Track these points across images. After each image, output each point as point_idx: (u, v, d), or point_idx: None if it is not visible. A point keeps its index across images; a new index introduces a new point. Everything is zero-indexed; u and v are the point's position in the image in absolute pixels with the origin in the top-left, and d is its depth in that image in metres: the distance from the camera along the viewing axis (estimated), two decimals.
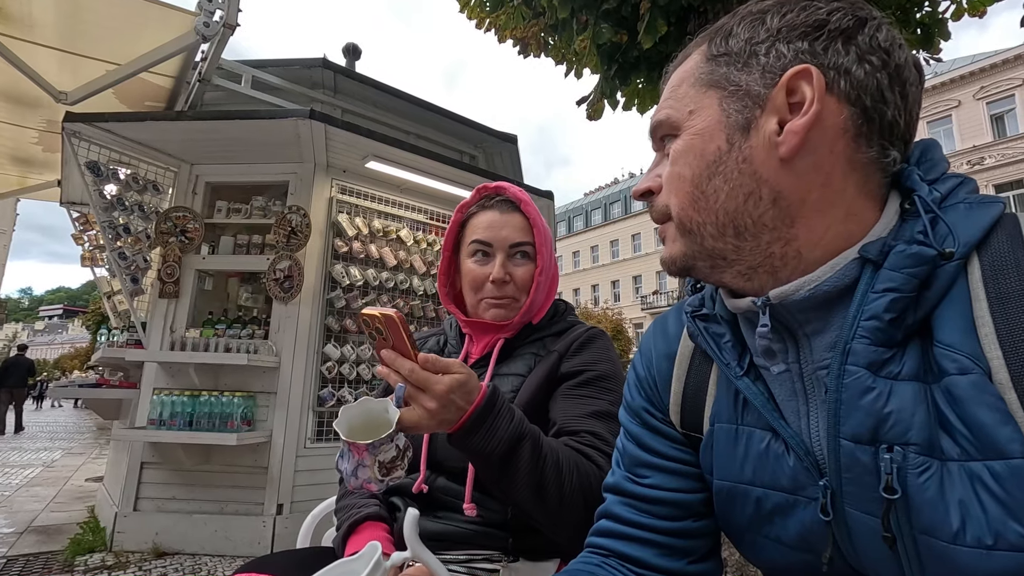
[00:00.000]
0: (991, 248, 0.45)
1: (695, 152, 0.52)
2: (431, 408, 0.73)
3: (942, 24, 3.04)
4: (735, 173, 0.50)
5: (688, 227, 0.53)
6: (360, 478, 0.70)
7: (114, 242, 3.40)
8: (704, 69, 0.53)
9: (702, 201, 0.51)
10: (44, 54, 3.29)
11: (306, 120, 3.21)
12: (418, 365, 0.73)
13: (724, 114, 0.51)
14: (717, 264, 0.53)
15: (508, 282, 1.02)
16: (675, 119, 0.54)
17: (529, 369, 1.00)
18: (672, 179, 0.54)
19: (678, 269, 0.56)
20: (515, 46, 3.37)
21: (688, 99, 0.54)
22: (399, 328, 0.72)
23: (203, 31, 3.08)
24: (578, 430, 0.89)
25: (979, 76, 20.29)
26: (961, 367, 0.42)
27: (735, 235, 0.51)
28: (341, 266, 3.65)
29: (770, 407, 0.53)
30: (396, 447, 0.72)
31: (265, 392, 3.36)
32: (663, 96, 0.58)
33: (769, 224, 0.49)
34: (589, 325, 1.07)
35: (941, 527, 0.41)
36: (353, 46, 5.14)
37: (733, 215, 0.50)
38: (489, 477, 0.80)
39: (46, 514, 4.16)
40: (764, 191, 0.49)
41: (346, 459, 0.72)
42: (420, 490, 0.96)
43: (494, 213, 1.05)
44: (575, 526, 0.80)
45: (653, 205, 0.58)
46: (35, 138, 4.48)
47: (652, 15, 2.57)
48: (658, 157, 0.59)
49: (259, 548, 3.13)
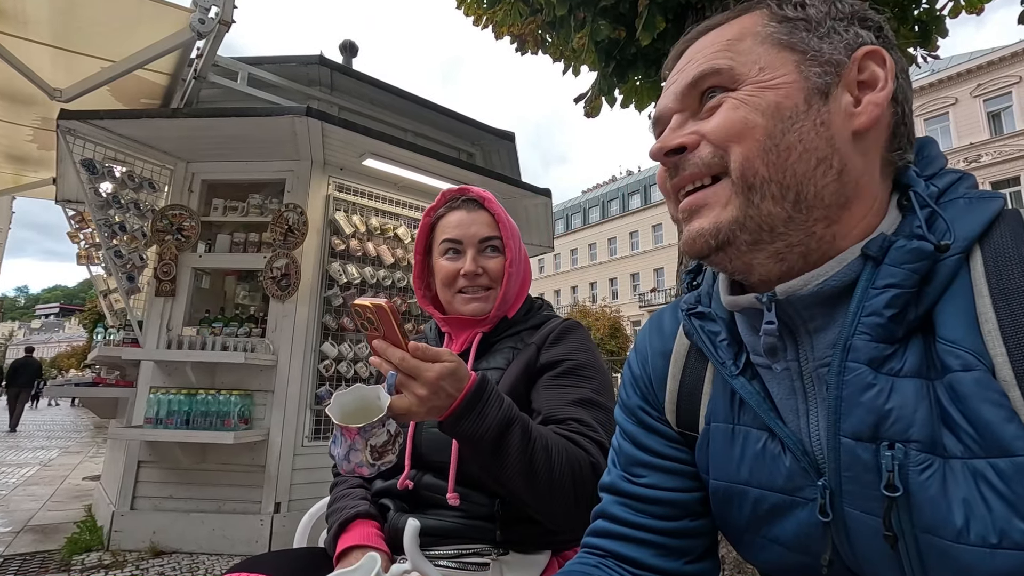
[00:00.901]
0: (993, 243, 0.44)
1: (769, 102, 0.48)
2: (421, 395, 0.74)
3: (940, 21, 3.03)
4: (812, 134, 0.47)
5: (751, 182, 0.48)
6: (352, 462, 0.72)
7: (110, 240, 3.38)
8: (777, 29, 0.51)
9: (773, 154, 0.47)
10: (38, 51, 3.26)
11: (303, 117, 3.20)
12: (409, 353, 0.74)
13: (803, 76, 0.49)
14: (760, 239, 0.49)
15: (481, 274, 1.06)
16: (739, 72, 0.50)
17: (508, 362, 1.02)
18: (735, 125, 0.49)
19: (717, 244, 0.50)
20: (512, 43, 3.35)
21: (756, 55, 0.50)
22: (390, 318, 0.73)
23: (198, 28, 3.06)
24: (564, 418, 0.91)
25: (976, 73, 20.32)
26: (964, 363, 0.41)
27: (794, 202, 0.48)
28: (338, 264, 3.64)
29: (766, 407, 0.53)
30: (387, 432, 0.73)
31: (262, 390, 3.35)
32: (703, 49, 0.53)
33: (827, 199, 0.48)
34: (564, 317, 1.11)
35: (944, 525, 0.41)
36: (350, 43, 5.11)
37: (800, 178, 0.47)
38: (480, 463, 0.82)
39: (43, 513, 4.14)
40: (835, 160, 0.48)
41: (339, 444, 0.73)
42: (405, 487, 0.97)
43: (461, 212, 1.09)
44: (565, 510, 0.82)
45: (685, 161, 0.52)
46: (30, 135, 4.46)
47: (650, 12, 2.56)
48: (682, 117, 0.54)
49: (257, 547, 3.12)
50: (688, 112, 0.54)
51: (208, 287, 3.90)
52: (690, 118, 0.53)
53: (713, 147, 0.50)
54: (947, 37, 3.07)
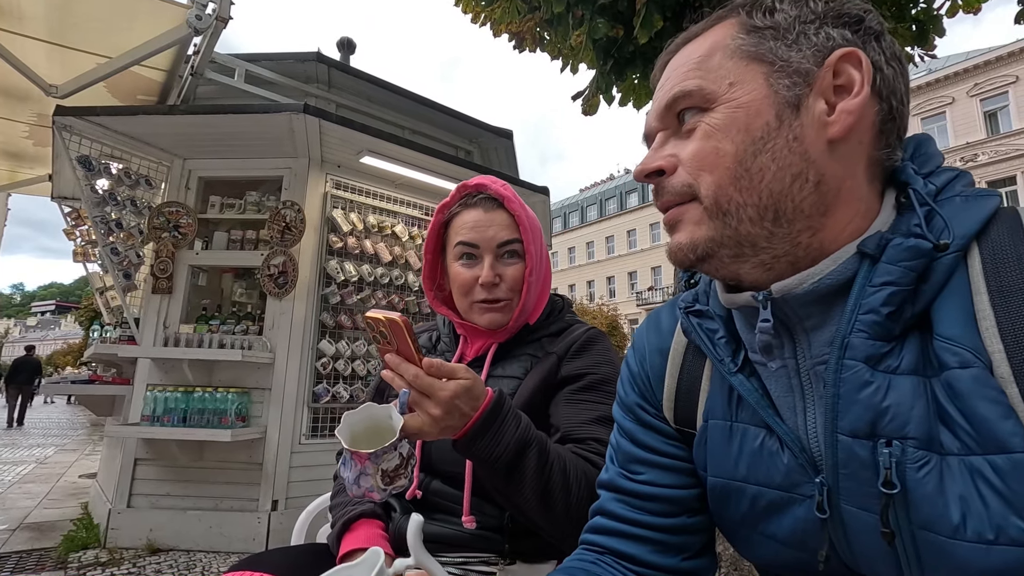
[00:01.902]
0: (991, 241, 0.44)
1: (739, 126, 0.48)
2: (435, 415, 0.71)
3: (937, 20, 3.03)
4: (785, 151, 0.47)
5: (724, 208, 0.49)
6: (362, 487, 0.69)
7: (106, 237, 3.37)
8: (745, 41, 0.50)
9: (745, 180, 0.48)
10: (34, 47, 3.24)
11: (300, 115, 3.19)
12: (423, 370, 0.71)
13: (772, 89, 0.48)
14: (742, 253, 0.50)
15: (498, 284, 0.98)
16: (709, 90, 0.50)
17: (526, 371, 0.97)
18: (706, 155, 0.49)
19: (696, 257, 0.51)
20: (511, 41, 3.34)
21: (725, 70, 0.50)
22: (404, 333, 0.71)
23: (195, 24, 3.05)
24: (583, 437, 0.87)
25: (973, 73, 20.37)
26: (962, 360, 0.42)
27: (773, 220, 0.48)
28: (336, 262, 3.63)
29: (764, 404, 0.53)
30: (400, 455, 0.69)
31: (260, 388, 3.35)
32: (678, 68, 0.53)
33: (806, 211, 0.48)
34: (588, 325, 1.04)
35: (941, 522, 0.41)
36: (348, 40, 5.10)
37: (777, 197, 0.47)
38: (494, 484, 0.79)
39: (39, 511, 4.13)
40: (811, 173, 0.47)
41: (348, 467, 0.70)
42: (414, 495, 0.95)
43: (478, 212, 1.00)
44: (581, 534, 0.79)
45: (663, 186, 0.53)
46: (25, 132, 4.43)
47: (648, 10, 2.55)
48: (664, 136, 0.54)
49: (254, 544, 3.12)
50: (670, 130, 0.54)
51: (205, 284, 3.89)
52: (672, 136, 0.54)
53: (686, 175, 0.51)
54: (944, 36, 3.07)
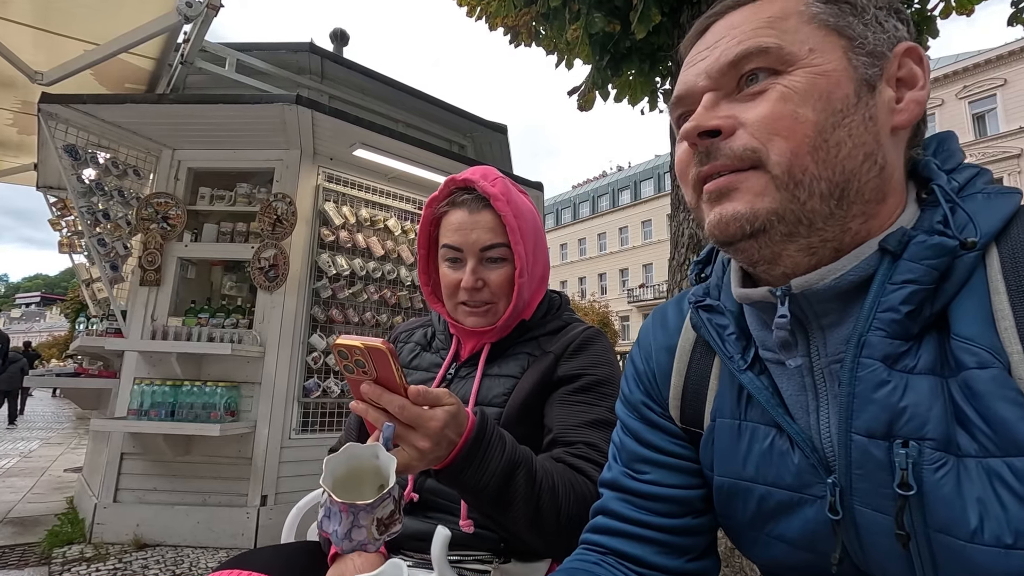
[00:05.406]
0: (1011, 239, 0.43)
1: (820, 93, 0.45)
2: (424, 447, 0.66)
3: (931, 22, 3.04)
4: (861, 129, 0.46)
5: (798, 179, 0.45)
6: (355, 540, 0.59)
7: (93, 228, 3.31)
8: (823, 10, 0.48)
9: (823, 151, 0.45)
10: (18, 31, 3.16)
11: (292, 106, 3.15)
12: (409, 400, 0.65)
13: (851, 64, 0.47)
14: (796, 232, 0.47)
15: (481, 288, 0.95)
16: (789, 51, 0.46)
17: (522, 370, 0.96)
18: (782, 118, 0.46)
19: (752, 230, 0.47)
20: (506, 34, 3.32)
21: (803, 35, 0.47)
22: (388, 361, 0.63)
23: (185, 11, 2.99)
24: (574, 440, 0.86)
25: (962, 75, 20.61)
26: (980, 361, 0.41)
27: (839, 198, 0.46)
28: (327, 255, 3.60)
29: (775, 403, 0.52)
30: (393, 499, 0.61)
31: (249, 382, 3.31)
32: (740, 26, 0.49)
33: (867, 195, 0.47)
34: (586, 324, 1.02)
35: (958, 525, 0.40)
36: (341, 31, 5.04)
37: (848, 175, 0.46)
38: (483, 511, 0.77)
39: (23, 505, 4.07)
40: (880, 155, 0.47)
41: (335, 520, 0.59)
42: (411, 499, 0.93)
43: (463, 213, 0.96)
44: (573, 547, 0.76)
45: (717, 148, 0.48)
46: (9, 119, 4.34)
47: (646, 5, 2.54)
48: (716, 96, 0.50)
49: (243, 540, 3.10)
50: (722, 92, 0.50)
51: (194, 277, 3.83)
52: (724, 98, 0.49)
53: (749, 138, 0.47)
54: (938, 38, 3.08)
